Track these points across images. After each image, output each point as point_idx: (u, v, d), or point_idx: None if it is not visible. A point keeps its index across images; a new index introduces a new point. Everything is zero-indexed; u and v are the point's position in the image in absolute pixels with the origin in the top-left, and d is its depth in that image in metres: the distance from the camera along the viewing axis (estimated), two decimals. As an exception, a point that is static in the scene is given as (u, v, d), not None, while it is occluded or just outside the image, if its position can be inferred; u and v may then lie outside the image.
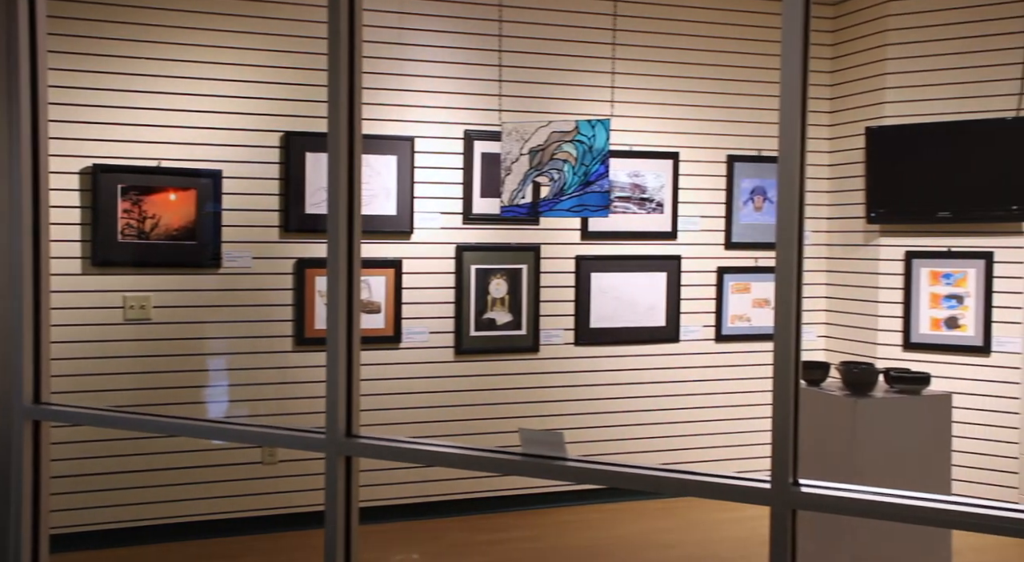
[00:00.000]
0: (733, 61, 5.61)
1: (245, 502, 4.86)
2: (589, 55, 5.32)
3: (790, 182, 1.97)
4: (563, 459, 2.21)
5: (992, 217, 5.08)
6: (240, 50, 4.79)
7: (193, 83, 4.72)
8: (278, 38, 4.85)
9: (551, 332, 5.35)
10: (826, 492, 1.99)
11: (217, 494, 4.81)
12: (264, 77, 4.83)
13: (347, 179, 2.37)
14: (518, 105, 5.17)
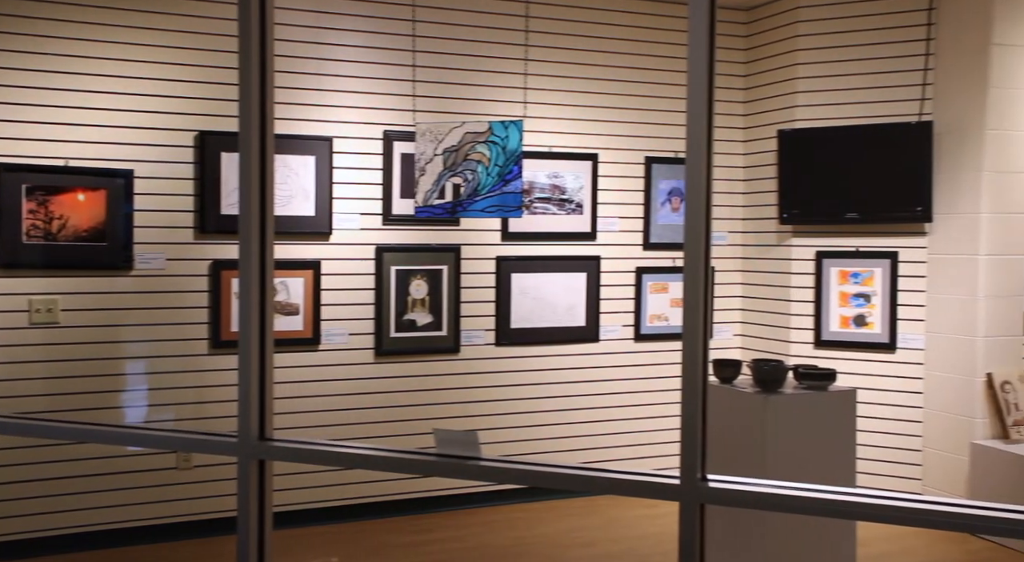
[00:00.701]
0: (650, 64, 5.70)
1: (158, 509, 4.76)
2: (502, 56, 5.34)
3: (697, 184, 2.02)
4: (477, 459, 2.23)
5: (897, 218, 5.26)
6: (153, 47, 4.69)
7: (103, 81, 4.60)
8: (193, 35, 4.76)
9: (472, 333, 5.36)
10: (733, 487, 2.04)
11: (129, 501, 4.70)
12: (178, 75, 4.74)
13: (259, 179, 2.35)
14: (432, 106, 5.16)
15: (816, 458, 3.60)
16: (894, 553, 4.63)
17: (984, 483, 4.88)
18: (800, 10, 5.50)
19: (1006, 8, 4.95)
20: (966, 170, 5.05)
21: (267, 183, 2.35)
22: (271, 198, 2.35)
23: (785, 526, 3.57)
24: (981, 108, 4.97)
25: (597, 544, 4.78)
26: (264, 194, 2.34)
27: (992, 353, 5.01)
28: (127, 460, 4.69)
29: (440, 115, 5.15)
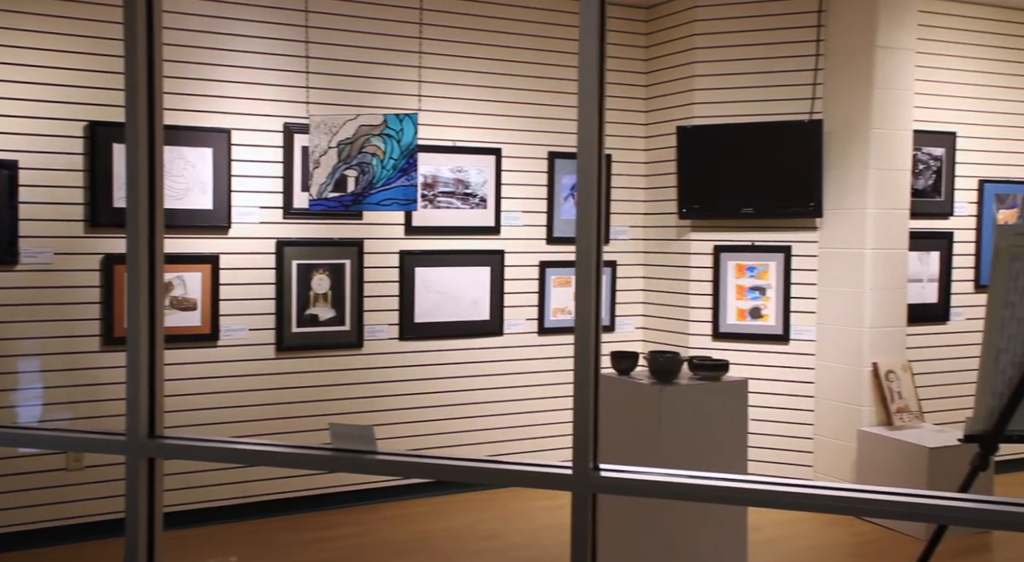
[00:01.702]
0: (553, 59, 5.75)
1: (49, 511, 4.60)
2: (397, 49, 5.31)
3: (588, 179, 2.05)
4: (373, 453, 2.22)
5: (790, 213, 5.43)
6: (41, 34, 4.52)
7: (-14, 67, 4.42)
8: (84, 22, 4.61)
9: (375, 327, 5.33)
10: (625, 476, 2.07)
11: (18, 504, 4.53)
12: (68, 63, 4.58)
13: (147, 170, 2.29)
14: (327, 98, 5.11)
15: (710, 446, 3.70)
16: (784, 537, 4.79)
17: (870, 468, 5.08)
18: (697, 9, 5.62)
19: (889, 12, 5.16)
20: (854, 167, 5.24)
21: (156, 174, 2.29)
22: (160, 190, 2.30)
23: (679, 514, 3.66)
24: (867, 108, 5.17)
25: (500, 536, 4.82)
26: (153, 186, 2.28)
27: (878, 343, 5.22)
28: (14, 462, 4.52)
29: (334, 107, 5.10)
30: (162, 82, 2.26)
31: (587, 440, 2.14)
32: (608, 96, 5.98)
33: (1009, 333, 2.58)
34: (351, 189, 4.85)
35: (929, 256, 5.81)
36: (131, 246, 2.23)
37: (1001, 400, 2.63)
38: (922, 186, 5.75)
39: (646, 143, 6.09)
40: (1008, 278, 2.55)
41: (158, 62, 2.24)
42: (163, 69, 2.24)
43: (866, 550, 4.64)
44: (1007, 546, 4.70)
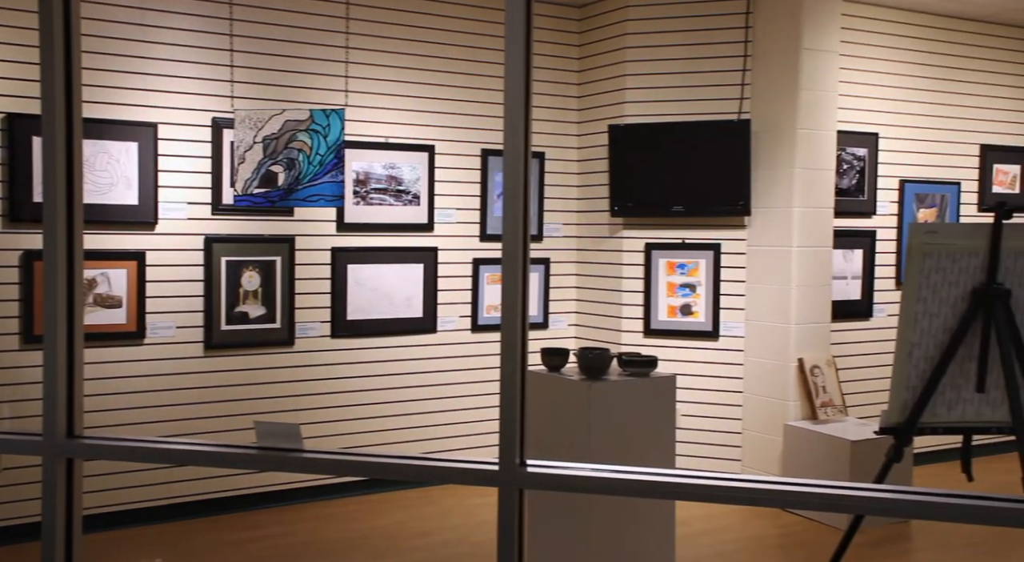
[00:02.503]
0: (486, 57, 5.75)
1: (-34, 515, 4.47)
2: (323, 43, 5.25)
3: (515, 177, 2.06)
4: (299, 451, 2.21)
5: (719, 211, 5.52)
6: (-46, 22, 4.38)
7: (-103, 56, 4.27)
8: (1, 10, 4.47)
9: (307, 325, 5.28)
10: (551, 471, 2.09)
11: (-68, 508, 4.39)
12: (-16, 53, 4.45)
13: (64, 164, 2.24)
14: (252, 92, 5.03)
15: (639, 441, 3.75)
16: (712, 530, 4.87)
17: (795, 461, 5.20)
18: (628, 9, 5.68)
19: (814, 16, 5.28)
20: (780, 167, 5.35)
21: (75, 168, 2.24)
22: (79, 184, 2.25)
23: (607, 509, 3.70)
24: (793, 108, 5.28)
25: (432, 533, 4.81)
26: (71, 180, 2.23)
27: (803, 339, 5.34)
28: (-72, 464, 4.38)
29: (260, 102, 5.03)
30: (80, 73, 2.21)
31: (513, 436, 2.15)
32: (541, 94, 6.01)
33: (922, 328, 2.67)
34: (277, 185, 4.79)
35: (853, 254, 5.96)
36: (48, 241, 2.18)
37: (914, 393, 2.71)
38: (846, 185, 5.89)
39: (579, 141, 6.13)
40: (920, 275, 2.63)
41: (76, 52, 2.18)
42: (83, 60, 2.19)
43: (790, 542, 4.75)
44: (925, 535, 4.85)
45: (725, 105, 5.54)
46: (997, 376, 2.71)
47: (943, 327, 2.69)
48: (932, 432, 2.79)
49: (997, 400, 2.74)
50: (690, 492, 1.96)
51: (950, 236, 2.65)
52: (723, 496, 1.91)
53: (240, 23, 5.01)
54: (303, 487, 5.28)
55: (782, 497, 1.86)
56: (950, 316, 2.69)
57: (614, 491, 2.02)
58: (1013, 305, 2.66)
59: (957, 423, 2.80)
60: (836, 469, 4.92)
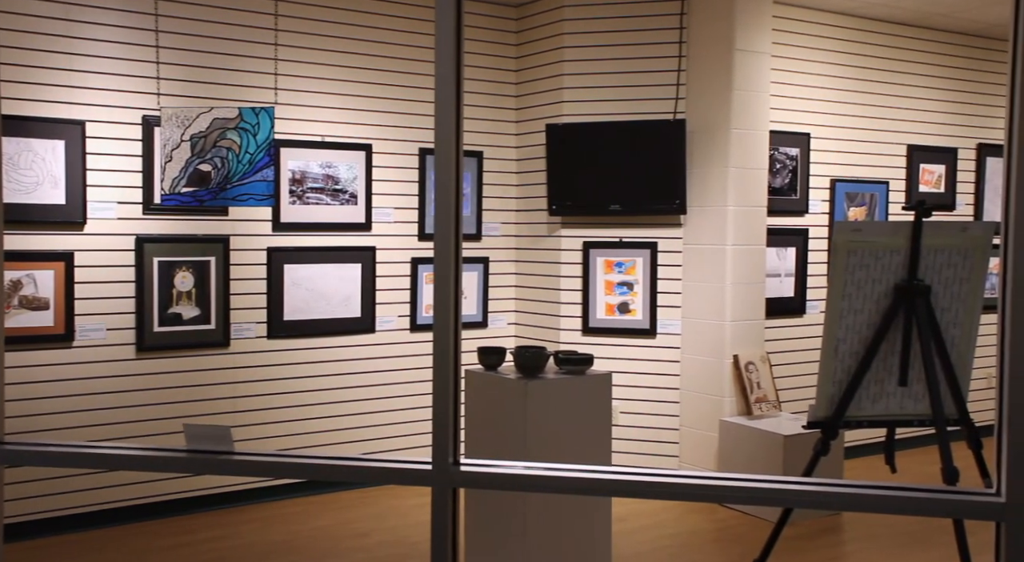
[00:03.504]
0: (421, 55, 5.73)
1: None
2: (252, 40, 5.18)
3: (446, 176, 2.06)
4: (229, 453, 2.18)
5: (656, 210, 5.57)
6: None
7: None
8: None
9: (242, 326, 5.21)
10: (484, 469, 2.09)
11: None
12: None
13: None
14: (180, 89, 4.94)
15: (575, 439, 3.77)
16: (650, 526, 4.92)
17: (731, 456, 5.28)
18: (564, 9, 5.71)
19: (746, 17, 5.36)
20: (715, 166, 5.43)
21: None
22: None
23: (544, 507, 3.72)
24: (727, 108, 5.36)
25: (371, 534, 4.79)
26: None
27: (738, 336, 5.42)
28: None
29: (188, 99, 4.95)
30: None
31: (446, 435, 2.15)
32: (479, 94, 6.01)
33: (847, 324, 2.73)
34: (206, 184, 4.72)
35: (786, 252, 6.07)
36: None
37: (840, 388, 2.77)
38: (779, 184, 6.00)
39: (517, 141, 6.15)
40: (845, 272, 2.69)
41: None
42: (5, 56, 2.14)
43: (726, 536, 4.82)
44: (855, 526, 4.96)
45: (661, 105, 5.60)
46: (919, 370, 2.79)
47: (867, 323, 2.76)
48: (857, 426, 2.85)
49: (918, 393, 2.82)
50: (622, 488, 1.98)
51: (873, 234, 2.71)
52: (652, 492, 1.94)
53: (167, 19, 4.92)
54: (240, 490, 5.22)
55: (709, 492, 1.88)
56: (874, 312, 2.76)
57: (548, 488, 2.03)
58: (933, 301, 2.74)
59: (881, 416, 2.88)
60: (770, 463, 5.01)
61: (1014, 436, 1.62)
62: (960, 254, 2.69)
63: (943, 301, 2.76)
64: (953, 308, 2.75)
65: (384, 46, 5.62)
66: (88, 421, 4.78)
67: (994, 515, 1.66)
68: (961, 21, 6.42)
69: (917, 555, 4.51)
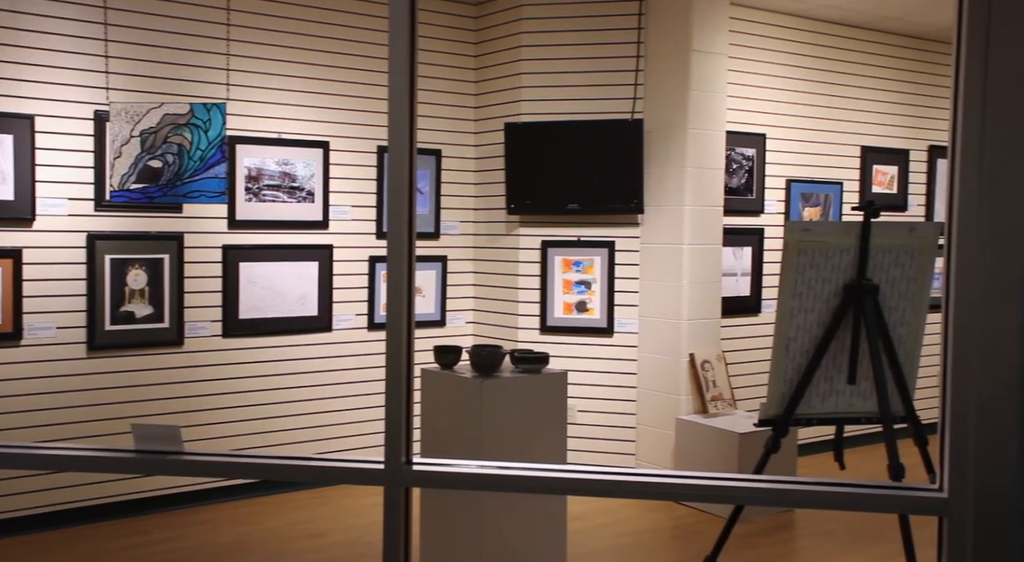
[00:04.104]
0: (377, 52, 5.70)
1: None
2: (203, 35, 5.11)
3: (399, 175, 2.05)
4: (179, 453, 2.15)
5: (614, 209, 5.60)
6: None
7: None
8: None
9: (197, 324, 5.15)
10: (437, 469, 2.08)
11: None
12: None
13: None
14: (130, 84, 4.87)
15: (531, 438, 3.78)
16: (608, 524, 4.94)
17: (687, 454, 5.32)
18: (523, 8, 5.71)
19: (703, 18, 5.40)
20: (672, 166, 5.46)
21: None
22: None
23: (499, 506, 3.72)
24: (684, 108, 5.39)
25: (326, 534, 4.75)
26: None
27: (695, 335, 5.47)
28: None
29: (138, 94, 4.88)
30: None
31: (399, 434, 2.14)
32: (438, 92, 6.00)
33: (797, 323, 2.76)
34: (156, 180, 4.66)
35: (742, 251, 6.13)
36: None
37: (791, 386, 2.81)
38: (735, 184, 6.05)
39: (476, 139, 6.14)
40: (796, 271, 2.72)
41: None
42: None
43: (683, 533, 4.86)
44: (808, 522, 5.02)
45: (619, 105, 5.62)
46: (867, 368, 2.83)
47: (817, 321, 2.80)
48: (807, 423, 2.89)
49: (867, 391, 2.86)
50: (575, 487, 1.98)
51: (823, 234, 2.75)
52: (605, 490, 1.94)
53: (116, 11, 4.84)
54: (192, 491, 5.15)
55: (661, 490, 1.89)
56: (824, 311, 2.79)
57: (500, 488, 2.03)
58: (881, 300, 2.78)
59: (830, 414, 2.92)
60: (725, 461, 5.05)
61: (956, 433, 1.64)
62: (907, 254, 2.74)
63: (891, 300, 2.80)
64: (901, 307, 2.80)
65: (341, 42, 5.58)
66: (37, 421, 4.69)
67: (936, 510, 1.69)
68: (913, 25, 6.52)
69: (868, 550, 4.58)
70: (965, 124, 1.62)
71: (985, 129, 1.61)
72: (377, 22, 5.69)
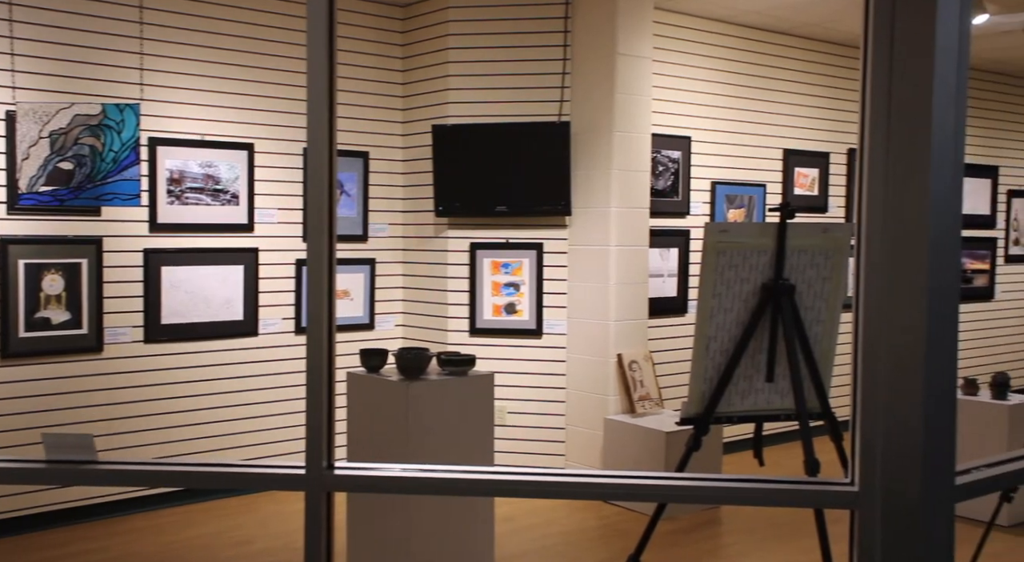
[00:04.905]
0: (301, 53, 5.63)
1: None
2: (116, 33, 4.99)
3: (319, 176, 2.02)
4: (92, 463, 2.09)
5: (542, 211, 5.63)
6: None
7: None
8: None
9: (117, 330, 5.03)
10: (359, 473, 2.06)
11: None
12: None
13: None
14: (39, 83, 4.72)
15: (458, 440, 3.77)
16: (537, 524, 4.96)
17: (615, 454, 5.37)
18: (450, 10, 5.71)
19: (627, 22, 5.46)
20: (599, 168, 5.51)
21: None
22: None
23: (426, 508, 3.70)
24: (610, 111, 5.45)
25: (253, 541, 4.68)
26: None
27: (622, 335, 5.52)
28: None
29: (46, 94, 4.74)
30: None
31: (320, 438, 2.11)
32: (365, 93, 5.95)
33: (717, 323, 2.81)
34: (67, 183, 4.53)
35: (669, 252, 6.21)
36: None
37: (711, 385, 2.85)
38: (661, 187, 6.13)
39: (404, 141, 6.11)
40: (715, 272, 2.77)
41: None
42: None
43: (611, 532, 4.90)
44: (732, 519, 5.11)
45: (546, 107, 5.65)
46: (785, 366, 2.89)
47: (736, 321, 2.85)
48: (728, 421, 2.94)
49: (784, 389, 2.92)
50: (498, 488, 1.98)
51: (741, 235, 2.80)
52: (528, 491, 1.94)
53: (22, 8, 4.70)
54: (114, 501, 5.03)
55: (605, 490, 1.90)
56: (743, 311, 2.85)
57: (423, 490, 2.02)
58: (797, 299, 2.85)
59: (750, 412, 2.97)
60: (653, 460, 5.11)
61: (866, 429, 1.69)
62: (822, 254, 2.81)
63: (807, 300, 2.87)
64: (816, 306, 2.87)
65: (263, 43, 5.51)
66: (-52, 432, 4.53)
67: (848, 503, 1.73)
68: (833, 31, 6.69)
69: (790, 544, 4.68)
70: (872, 129, 1.67)
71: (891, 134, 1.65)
72: (299, 22, 5.63)
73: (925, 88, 1.60)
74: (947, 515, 1.62)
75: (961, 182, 1.59)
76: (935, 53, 1.58)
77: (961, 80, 1.60)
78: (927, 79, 1.59)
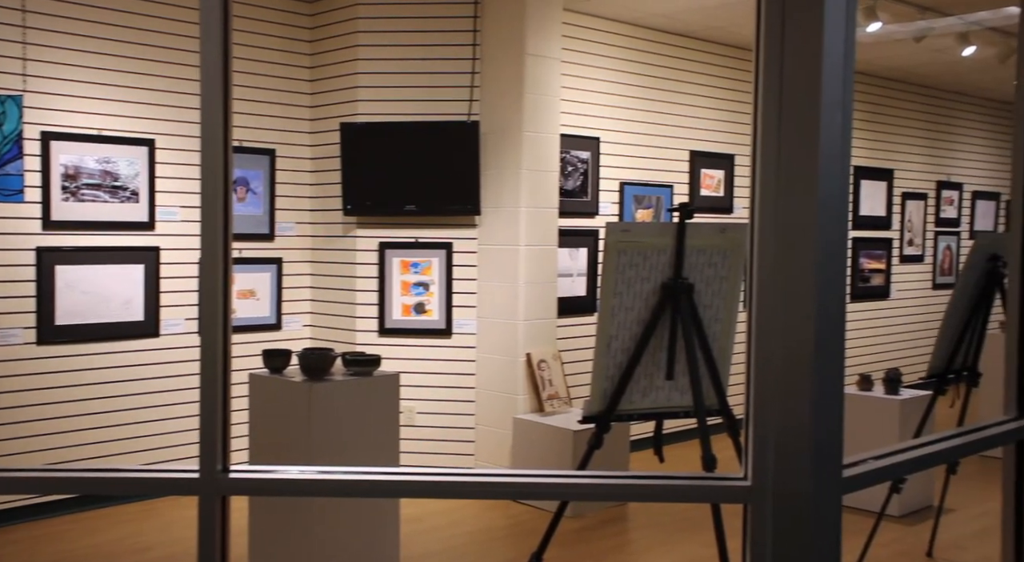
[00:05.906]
0: (210, 48, 5.51)
1: None
2: None
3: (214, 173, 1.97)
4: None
5: (451, 211, 5.61)
6: None
7: None
8: None
9: (7, 331, 4.83)
10: (254, 476, 2.02)
11: None
12: None
13: None
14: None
15: (362, 441, 3.73)
16: (445, 525, 4.95)
17: (524, 453, 5.39)
18: (359, 7, 5.65)
19: (536, 23, 5.49)
20: (508, 168, 5.52)
21: None
22: None
23: (330, 510, 3.66)
24: (519, 111, 5.46)
25: (153, 548, 4.55)
26: None
27: (531, 334, 5.54)
28: None
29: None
30: None
31: (214, 441, 2.06)
32: (271, 90, 5.85)
33: (619, 321, 2.84)
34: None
35: (577, 252, 6.26)
36: None
37: (613, 383, 2.88)
38: (571, 187, 6.18)
39: (311, 139, 6.02)
40: (616, 271, 2.80)
41: None
42: None
43: (519, 531, 4.91)
44: (639, 515, 5.18)
45: (455, 106, 5.64)
46: (684, 364, 2.94)
47: (637, 319, 2.89)
48: (629, 419, 2.98)
49: (684, 387, 2.97)
50: (400, 489, 1.96)
51: (641, 234, 2.85)
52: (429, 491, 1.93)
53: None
54: (5, 509, 4.83)
55: (513, 489, 1.89)
56: (643, 309, 2.89)
57: (322, 493, 1.99)
58: (696, 298, 2.90)
59: (651, 409, 3.02)
60: (561, 458, 5.15)
61: (759, 425, 1.72)
62: (720, 254, 2.87)
63: (705, 298, 2.93)
64: (714, 305, 2.93)
65: (166, 36, 5.36)
66: None
67: (740, 498, 1.76)
68: (737, 35, 6.84)
69: (694, 538, 4.77)
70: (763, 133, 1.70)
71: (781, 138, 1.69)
72: (195, 14, 5.49)
73: (813, 93, 1.64)
74: (835, 506, 1.66)
75: (847, 184, 1.64)
76: (823, 60, 1.62)
77: (847, 85, 1.64)
78: (815, 85, 1.63)
